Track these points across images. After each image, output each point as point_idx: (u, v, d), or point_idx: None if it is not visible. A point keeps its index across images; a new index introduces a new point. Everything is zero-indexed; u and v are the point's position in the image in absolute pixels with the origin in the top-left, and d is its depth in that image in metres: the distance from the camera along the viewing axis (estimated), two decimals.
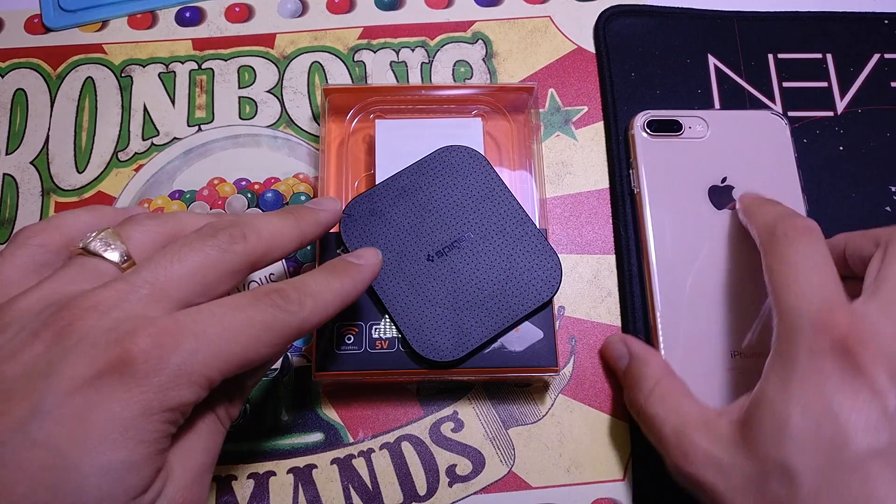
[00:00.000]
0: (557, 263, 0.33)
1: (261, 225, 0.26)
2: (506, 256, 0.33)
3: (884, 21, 0.42)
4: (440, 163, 0.35)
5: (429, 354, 0.32)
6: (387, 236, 0.33)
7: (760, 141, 0.38)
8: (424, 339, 0.32)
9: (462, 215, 0.34)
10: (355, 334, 0.32)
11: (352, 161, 0.37)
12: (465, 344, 0.32)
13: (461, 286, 0.32)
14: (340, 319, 0.32)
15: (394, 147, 0.36)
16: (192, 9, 0.43)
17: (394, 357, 0.32)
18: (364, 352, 0.32)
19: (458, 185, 0.34)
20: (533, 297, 0.32)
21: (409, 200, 0.34)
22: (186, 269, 0.23)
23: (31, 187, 0.39)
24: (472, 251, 0.33)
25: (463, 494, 0.33)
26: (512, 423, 0.34)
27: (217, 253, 0.24)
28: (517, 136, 0.38)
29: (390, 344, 0.32)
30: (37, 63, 0.42)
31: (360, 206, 0.34)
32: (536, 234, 0.33)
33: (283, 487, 0.33)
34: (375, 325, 0.32)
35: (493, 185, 0.34)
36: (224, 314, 0.23)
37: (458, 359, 0.32)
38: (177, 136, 0.40)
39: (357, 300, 0.29)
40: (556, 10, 0.43)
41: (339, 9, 0.43)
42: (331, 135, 0.38)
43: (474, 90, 0.38)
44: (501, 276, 0.33)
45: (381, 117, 0.38)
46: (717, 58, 0.41)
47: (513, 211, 0.34)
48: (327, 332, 0.32)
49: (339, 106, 0.38)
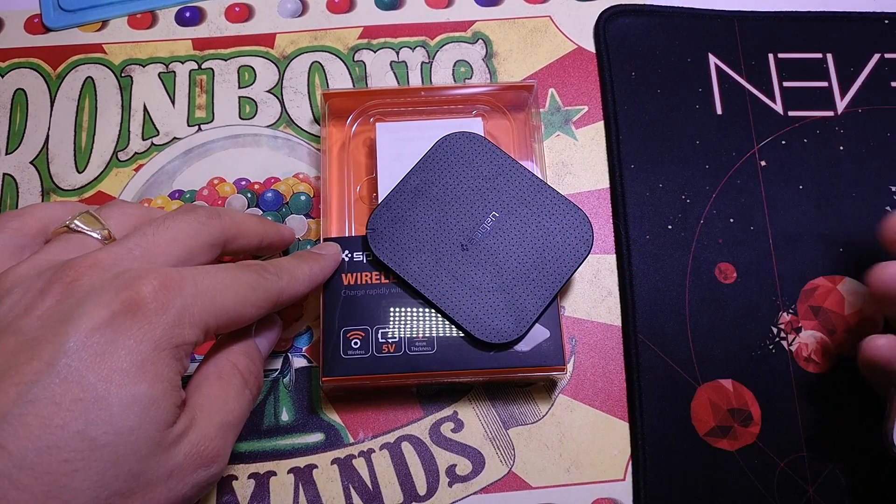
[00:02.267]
0: (585, 217, 0.33)
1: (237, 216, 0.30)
2: (535, 225, 0.33)
3: (884, 21, 0.42)
4: (443, 154, 0.35)
5: (493, 339, 0.32)
6: (416, 239, 0.33)
7: None
8: (484, 325, 0.32)
9: (480, 198, 0.34)
10: (362, 338, 0.32)
11: (353, 165, 0.37)
12: (524, 319, 0.32)
13: (502, 265, 0.33)
14: (346, 324, 0.32)
15: (395, 149, 0.36)
16: (192, 9, 0.43)
17: (401, 360, 0.32)
18: (371, 356, 0.32)
19: (466, 170, 0.34)
20: (573, 256, 0.33)
21: (426, 198, 0.34)
22: (170, 236, 0.26)
23: (30, 187, 0.39)
24: (502, 229, 0.33)
25: (463, 494, 0.33)
26: (512, 423, 0.34)
27: (197, 225, 0.27)
28: (517, 134, 0.38)
29: (397, 347, 0.32)
30: (37, 63, 0.42)
31: (381, 219, 0.34)
32: (556, 196, 0.34)
33: (283, 487, 0.33)
34: (382, 328, 0.32)
35: (501, 161, 0.34)
36: (216, 272, 0.26)
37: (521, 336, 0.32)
38: (177, 135, 0.40)
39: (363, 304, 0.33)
40: (556, 10, 0.43)
41: (339, 8, 0.43)
42: (331, 139, 0.38)
43: (474, 90, 0.38)
44: (537, 244, 0.33)
45: (381, 120, 0.38)
46: (717, 57, 0.41)
47: (527, 180, 0.34)
48: (333, 337, 0.32)
49: (339, 110, 0.38)
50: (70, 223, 0.27)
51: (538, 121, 0.38)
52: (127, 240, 0.26)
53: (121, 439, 0.22)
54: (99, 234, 0.27)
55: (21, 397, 0.21)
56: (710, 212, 0.38)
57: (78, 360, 0.22)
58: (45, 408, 0.21)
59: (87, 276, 0.24)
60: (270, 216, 0.38)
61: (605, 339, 0.36)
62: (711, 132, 0.39)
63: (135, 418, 0.22)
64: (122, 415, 0.22)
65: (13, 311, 0.23)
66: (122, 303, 0.23)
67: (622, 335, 0.36)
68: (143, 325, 0.23)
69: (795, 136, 0.39)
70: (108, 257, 0.25)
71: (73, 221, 0.27)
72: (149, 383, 0.22)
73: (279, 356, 0.35)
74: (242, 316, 0.26)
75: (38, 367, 0.21)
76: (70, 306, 0.23)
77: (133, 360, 0.22)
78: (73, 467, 0.21)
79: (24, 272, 0.25)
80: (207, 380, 0.27)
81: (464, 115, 0.38)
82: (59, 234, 0.27)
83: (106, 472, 0.21)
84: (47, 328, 0.22)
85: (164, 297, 0.23)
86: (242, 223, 0.30)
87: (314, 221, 0.38)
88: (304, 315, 0.36)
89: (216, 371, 0.27)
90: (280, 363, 0.35)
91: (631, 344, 0.35)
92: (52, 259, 0.25)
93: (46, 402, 0.21)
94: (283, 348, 0.35)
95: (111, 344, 0.22)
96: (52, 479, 0.21)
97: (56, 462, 0.21)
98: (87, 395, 0.21)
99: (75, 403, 0.21)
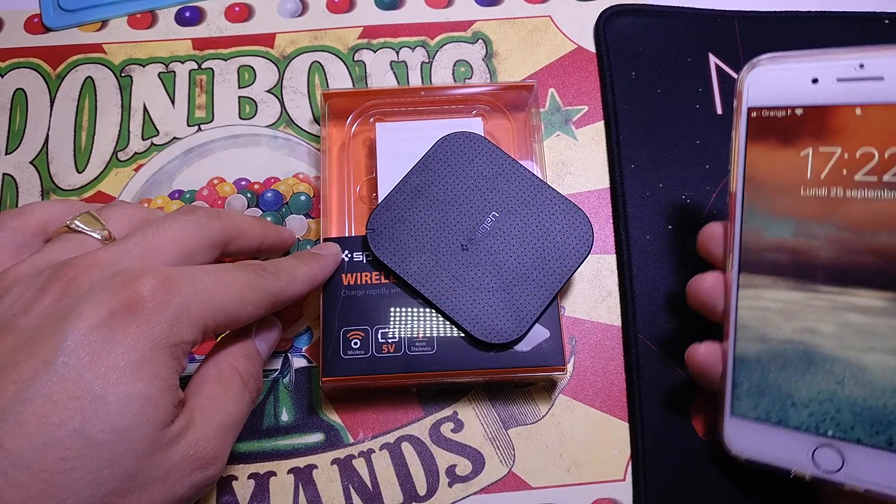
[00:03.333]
0: (585, 217, 0.33)
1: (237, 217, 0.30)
2: (535, 224, 0.33)
3: (884, 21, 0.42)
4: (443, 154, 0.35)
5: (493, 339, 0.32)
6: (416, 239, 0.33)
7: None
8: (484, 325, 0.32)
9: (480, 198, 0.34)
10: (361, 339, 0.32)
11: (353, 165, 0.37)
12: (524, 319, 0.32)
13: (502, 265, 0.33)
14: (346, 324, 0.32)
15: (395, 149, 0.36)
16: (191, 8, 0.43)
17: (401, 360, 0.32)
18: (371, 356, 0.32)
19: (466, 170, 0.34)
20: (573, 256, 0.33)
21: (426, 198, 0.34)
22: (170, 236, 0.26)
23: (30, 187, 0.39)
24: (502, 229, 0.33)
25: (463, 495, 0.33)
26: (512, 423, 0.34)
27: (197, 226, 0.27)
28: (518, 134, 0.38)
29: (397, 347, 0.32)
30: (36, 63, 0.42)
31: (381, 219, 0.34)
32: (556, 196, 0.34)
33: (283, 488, 0.33)
34: (382, 328, 0.32)
35: (501, 161, 0.34)
36: (214, 271, 0.26)
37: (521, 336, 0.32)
38: (177, 135, 0.40)
39: (363, 305, 0.33)
40: (556, 10, 0.43)
41: (339, 8, 0.43)
42: (331, 139, 0.38)
43: (474, 89, 0.38)
44: (537, 244, 0.33)
45: (380, 120, 0.38)
46: (717, 57, 0.41)
47: (526, 180, 0.34)
48: (333, 338, 0.32)
49: (339, 110, 0.38)
50: (70, 223, 0.27)
51: (538, 120, 0.38)
52: (127, 240, 0.26)
53: (117, 438, 0.22)
54: (99, 235, 0.27)
55: (18, 395, 0.21)
56: (709, 212, 0.38)
57: (75, 359, 0.22)
58: (42, 406, 0.21)
59: (86, 275, 0.24)
60: (270, 216, 0.38)
61: (605, 339, 0.36)
62: (711, 132, 0.39)
63: (132, 417, 0.22)
64: (119, 413, 0.22)
65: (12, 309, 0.23)
66: (121, 302, 0.23)
67: (622, 335, 0.36)
68: (142, 324, 0.23)
69: None
70: (108, 257, 0.25)
71: (74, 222, 0.27)
72: (146, 382, 0.22)
73: (279, 356, 0.35)
74: (241, 315, 0.26)
75: (35, 365, 0.21)
76: (68, 305, 0.23)
77: (130, 358, 0.22)
78: (70, 465, 0.21)
79: (23, 271, 0.25)
80: (207, 381, 0.27)
81: (464, 115, 0.38)
82: (60, 234, 0.27)
83: (102, 470, 0.21)
84: (45, 326, 0.22)
85: (162, 296, 0.23)
86: (242, 224, 0.30)
87: (314, 221, 0.38)
88: (304, 315, 0.36)
89: (216, 373, 0.27)
90: (280, 363, 0.35)
91: (631, 344, 0.35)
92: (51, 258, 0.25)
93: (43, 400, 0.21)
94: (283, 348, 0.35)
95: (109, 343, 0.22)
96: (49, 477, 0.21)
97: (52, 460, 0.21)
98: (84, 394, 0.21)
99: (72, 402, 0.21)
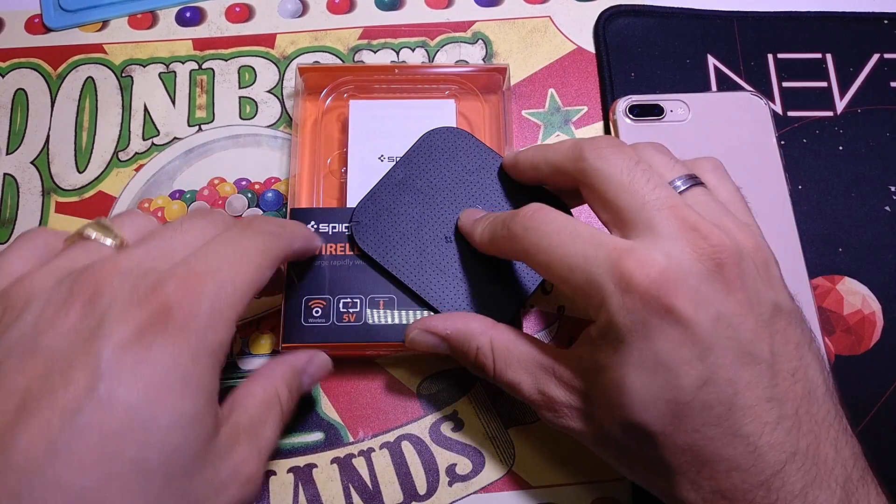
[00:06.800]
0: (564, 206, 0.33)
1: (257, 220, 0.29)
2: None
3: (884, 21, 0.42)
4: (428, 148, 0.35)
5: None
6: (401, 232, 0.34)
7: (742, 123, 0.38)
8: None
9: (464, 191, 0.34)
10: (323, 307, 0.33)
11: (325, 139, 0.38)
12: (506, 310, 0.32)
13: (485, 257, 0.33)
14: (309, 292, 0.33)
15: (367, 127, 0.37)
16: (192, 9, 0.43)
17: (360, 330, 0.32)
18: (331, 324, 0.32)
19: (451, 164, 0.35)
20: None
21: (411, 191, 0.34)
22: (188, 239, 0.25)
23: (31, 187, 0.39)
24: None
25: (463, 494, 0.33)
26: (512, 422, 0.34)
27: (213, 229, 0.26)
28: (490, 116, 0.39)
29: (357, 317, 0.32)
30: (37, 63, 0.42)
31: (366, 211, 0.34)
32: (537, 189, 0.34)
33: (283, 487, 0.33)
34: (343, 298, 0.33)
35: (485, 156, 0.35)
36: (225, 250, 0.25)
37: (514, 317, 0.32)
38: (177, 135, 0.40)
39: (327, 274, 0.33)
40: (556, 10, 0.43)
41: (340, 9, 0.43)
42: (305, 112, 0.38)
43: (448, 69, 0.39)
44: None
45: (354, 97, 0.39)
46: (716, 58, 0.42)
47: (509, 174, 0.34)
48: (294, 305, 0.33)
49: (314, 85, 0.39)
50: (82, 230, 0.26)
51: (509, 103, 0.38)
52: (144, 242, 0.25)
53: (171, 459, 0.21)
54: (113, 241, 0.26)
55: (66, 427, 0.20)
56: None
57: (117, 384, 0.21)
58: (94, 438, 0.20)
59: (107, 284, 0.23)
60: (270, 216, 0.38)
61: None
62: None
63: (181, 435, 0.21)
64: (170, 433, 0.21)
65: (36, 326, 0.22)
66: (149, 316, 0.22)
67: None
68: (176, 338, 0.22)
69: (795, 137, 0.39)
70: (126, 261, 0.24)
71: (86, 229, 0.26)
72: (193, 398, 0.22)
73: None
74: (260, 283, 0.26)
75: (75, 392, 0.20)
76: (95, 322, 0.22)
77: (173, 375, 0.21)
78: (131, 495, 0.20)
79: (40, 281, 0.24)
80: (252, 400, 0.26)
81: (437, 96, 0.38)
82: (74, 242, 0.26)
83: (162, 493, 0.21)
84: (75, 347, 0.21)
85: (190, 302, 0.22)
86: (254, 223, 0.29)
87: None
88: None
89: (262, 394, 0.27)
90: None
91: None
92: (68, 266, 0.24)
93: (94, 431, 0.20)
94: None
95: (146, 362, 0.21)
96: None
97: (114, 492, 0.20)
98: (134, 420, 0.21)
99: (125, 430, 0.20)
